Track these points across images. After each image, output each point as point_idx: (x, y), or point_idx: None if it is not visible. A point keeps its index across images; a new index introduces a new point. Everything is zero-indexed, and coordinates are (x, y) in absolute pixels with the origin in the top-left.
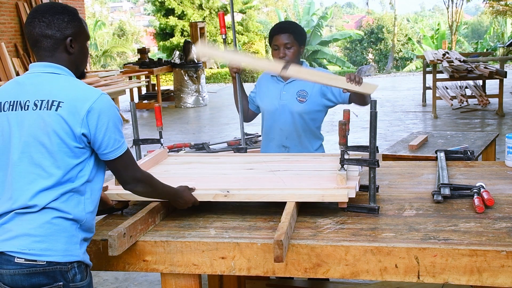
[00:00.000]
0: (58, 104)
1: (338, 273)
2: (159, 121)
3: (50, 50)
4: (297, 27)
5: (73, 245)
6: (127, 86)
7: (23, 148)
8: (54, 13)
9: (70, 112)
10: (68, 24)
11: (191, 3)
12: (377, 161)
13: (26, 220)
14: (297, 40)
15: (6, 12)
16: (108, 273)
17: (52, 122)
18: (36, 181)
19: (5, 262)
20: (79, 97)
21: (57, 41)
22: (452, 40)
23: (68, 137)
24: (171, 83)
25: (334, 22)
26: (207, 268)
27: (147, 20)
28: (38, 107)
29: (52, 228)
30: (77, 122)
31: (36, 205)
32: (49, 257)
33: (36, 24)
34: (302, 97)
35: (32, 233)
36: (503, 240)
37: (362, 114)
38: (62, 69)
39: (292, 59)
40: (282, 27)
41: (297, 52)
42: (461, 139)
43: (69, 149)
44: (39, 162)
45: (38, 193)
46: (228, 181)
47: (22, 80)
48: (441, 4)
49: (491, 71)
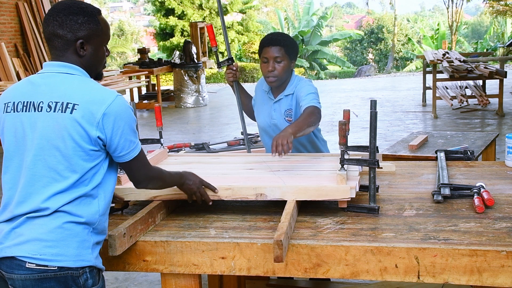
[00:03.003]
0: (73, 107)
1: (338, 273)
2: (159, 121)
3: (61, 50)
4: (289, 40)
5: (85, 249)
6: (127, 86)
7: (36, 151)
8: (69, 13)
9: (86, 115)
10: (82, 26)
11: (191, 3)
12: (377, 161)
13: (38, 224)
14: (288, 54)
15: (6, 12)
16: (108, 273)
17: (67, 125)
18: (51, 185)
19: (16, 267)
20: (95, 100)
21: (68, 42)
22: (452, 40)
23: (83, 141)
24: (171, 83)
25: (334, 22)
26: (207, 268)
27: (147, 20)
28: (52, 109)
29: (64, 233)
30: (92, 126)
31: (48, 208)
32: (61, 262)
33: (50, 22)
34: (289, 116)
35: (43, 238)
36: (503, 240)
37: (362, 114)
38: (76, 69)
39: (281, 74)
40: (273, 39)
41: (287, 67)
42: (461, 139)
43: (84, 153)
44: (53, 166)
45: (51, 196)
46: (228, 181)
47: (36, 80)
48: (441, 4)
49: (491, 71)
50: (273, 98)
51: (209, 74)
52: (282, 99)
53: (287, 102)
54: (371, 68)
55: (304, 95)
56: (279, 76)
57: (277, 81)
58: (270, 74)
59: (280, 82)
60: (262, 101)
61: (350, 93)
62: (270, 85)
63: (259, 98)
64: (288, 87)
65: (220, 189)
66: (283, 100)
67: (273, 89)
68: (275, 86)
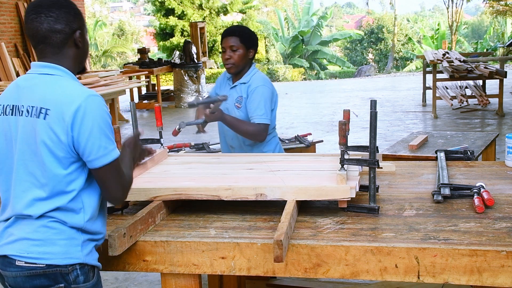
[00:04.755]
0: (46, 112)
1: (338, 273)
2: (159, 121)
3: (58, 46)
4: (244, 30)
5: (73, 247)
6: (127, 86)
7: (18, 155)
8: (60, 6)
9: (57, 119)
10: (75, 18)
11: (191, 3)
12: (377, 161)
13: (25, 224)
14: (244, 43)
15: (6, 12)
16: (108, 273)
17: (40, 131)
18: (30, 190)
19: (8, 265)
20: (64, 102)
21: (66, 35)
22: (452, 40)
23: (56, 147)
24: (171, 83)
25: (334, 22)
26: (207, 268)
27: (147, 20)
28: (29, 113)
29: (49, 232)
30: (63, 130)
31: (31, 216)
32: (48, 260)
33: (44, 20)
34: (239, 103)
35: (30, 237)
36: (503, 240)
37: (362, 114)
38: (59, 69)
39: (237, 61)
40: (229, 30)
41: (242, 55)
42: (461, 139)
43: (56, 160)
44: (32, 171)
45: (32, 202)
46: (228, 181)
47: (21, 83)
48: (441, 4)
49: (491, 71)
50: (231, 84)
51: (209, 74)
52: (237, 86)
53: (241, 90)
54: (371, 68)
55: (255, 104)
56: (236, 64)
57: (233, 68)
58: (227, 62)
59: (237, 69)
60: (223, 87)
61: (350, 93)
62: (228, 72)
63: (222, 85)
64: (245, 75)
65: (220, 189)
66: (237, 87)
67: (233, 77)
68: (233, 73)
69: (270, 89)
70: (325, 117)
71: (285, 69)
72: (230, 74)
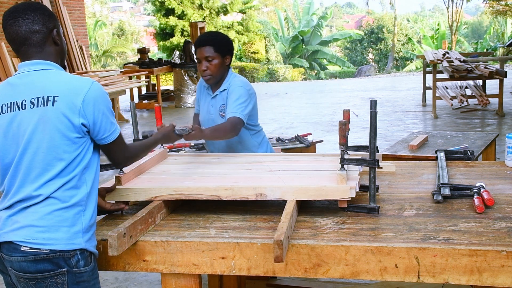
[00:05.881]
0: (54, 99)
1: (338, 273)
2: (159, 121)
3: (39, 45)
4: (217, 38)
5: (75, 234)
6: (127, 86)
7: (25, 145)
8: (34, 9)
9: (67, 104)
10: (50, 18)
11: (191, 3)
12: (377, 161)
13: (31, 212)
14: (219, 52)
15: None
16: (108, 273)
17: (51, 117)
18: (42, 175)
19: (13, 250)
20: (73, 89)
21: (45, 34)
22: (452, 40)
23: (68, 130)
24: (171, 83)
25: (334, 22)
26: (207, 268)
27: (147, 20)
28: (35, 104)
29: (54, 219)
30: (75, 114)
31: (41, 195)
32: (52, 245)
33: (22, 23)
34: (223, 111)
35: (35, 224)
36: (503, 240)
37: (362, 114)
38: (51, 64)
39: (214, 72)
40: (202, 39)
41: (219, 64)
42: (461, 139)
43: (70, 141)
44: (42, 158)
45: (43, 185)
46: (228, 181)
47: (14, 81)
48: (441, 4)
49: (491, 71)
50: (211, 94)
51: None
52: (217, 95)
53: (222, 98)
54: (371, 68)
55: (230, 102)
56: (213, 74)
57: (212, 79)
58: (205, 73)
59: (215, 79)
60: (203, 97)
61: (350, 93)
62: (207, 83)
63: (201, 95)
64: (224, 83)
65: (220, 189)
66: (218, 96)
67: (212, 86)
68: (211, 83)
69: (246, 89)
70: (325, 117)
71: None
72: (209, 85)
